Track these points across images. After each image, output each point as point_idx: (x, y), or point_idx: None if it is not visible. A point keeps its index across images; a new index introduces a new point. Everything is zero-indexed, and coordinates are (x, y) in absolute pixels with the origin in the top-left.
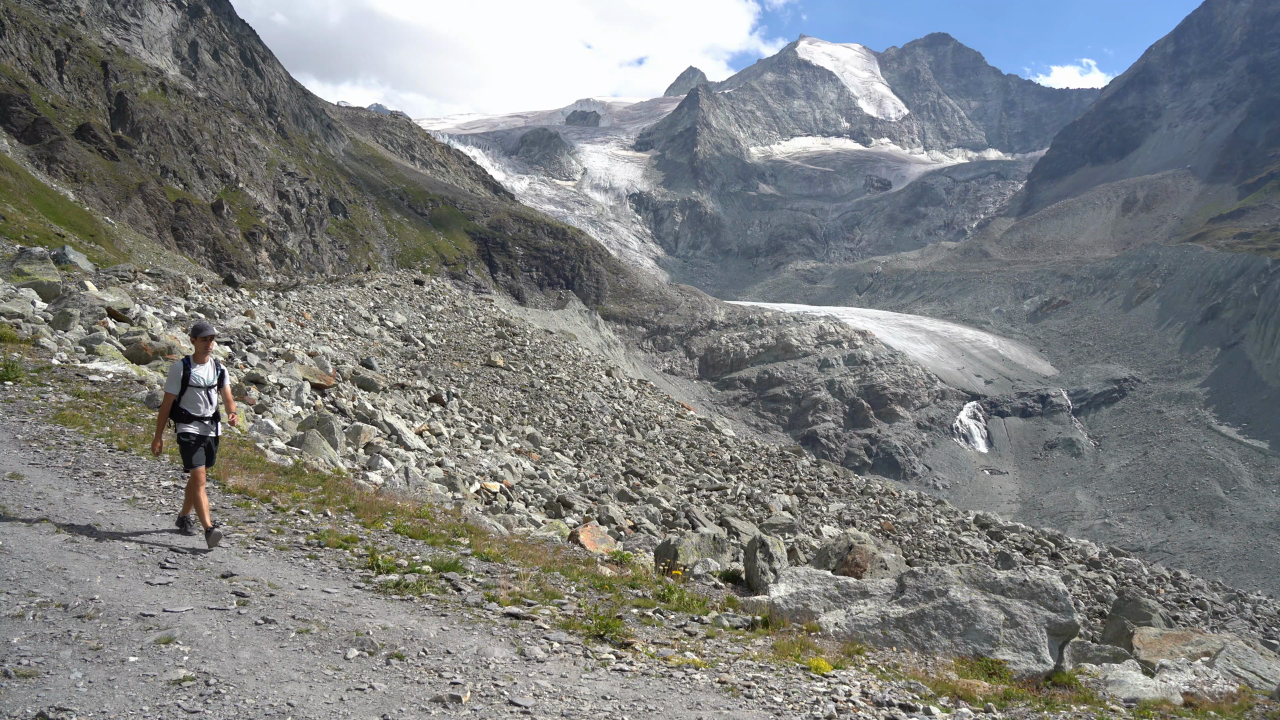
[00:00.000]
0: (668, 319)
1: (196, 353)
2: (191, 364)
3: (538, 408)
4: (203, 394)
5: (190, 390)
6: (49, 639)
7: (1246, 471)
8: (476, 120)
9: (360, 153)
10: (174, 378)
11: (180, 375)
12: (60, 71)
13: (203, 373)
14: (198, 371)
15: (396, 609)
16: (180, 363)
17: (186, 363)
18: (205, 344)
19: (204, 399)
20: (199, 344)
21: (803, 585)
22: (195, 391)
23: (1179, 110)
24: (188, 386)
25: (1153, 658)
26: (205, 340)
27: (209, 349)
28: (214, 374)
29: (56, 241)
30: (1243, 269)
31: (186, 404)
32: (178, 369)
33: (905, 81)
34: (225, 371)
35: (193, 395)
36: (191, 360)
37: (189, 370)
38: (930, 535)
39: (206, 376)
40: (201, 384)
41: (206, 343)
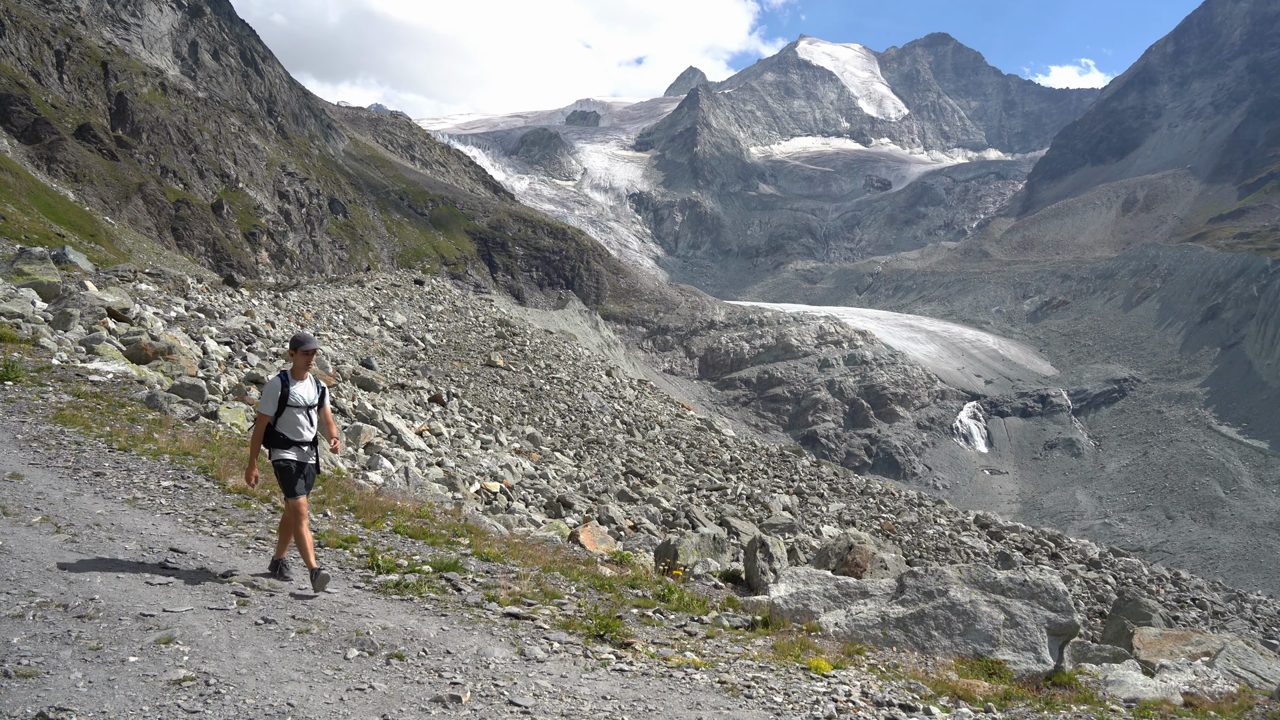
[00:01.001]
0: (668, 319)
1: (295, 367)
2: (290, 380)
3: (538, 408)
4: (303, 415)
5: (288, 411)
6: (49, 639)
7: (1246, 471)
8: (476, 120)
9: (360, 153)
10: (270, 396)
11: (278, 393)
12: (60, 71)
13: (303, 391)
14: (297, 389)
15: (396, 609)
16: (277, 379)
17: (284, 379)
18: (306, 358)
19: (304, 421)
20: (299, 358)
21: (803, 585)
22: (294, 412)
23: (1179, 110)
24: (286, 406)
25: (1153, 658)
26: (307, 354)
27: (310, 364)
28: (315, 392)
29: (56, 241)
30: (1243, 269)
31: (284, 427)
32: (275, 386)
33: (905, 81)
34: (326, 389)
35: (291, 416)
36: (290, 376)
37: (288, 387)
38: (930, 535)
39: (307, 395)
40: (302, 403)
41: (308, 357)
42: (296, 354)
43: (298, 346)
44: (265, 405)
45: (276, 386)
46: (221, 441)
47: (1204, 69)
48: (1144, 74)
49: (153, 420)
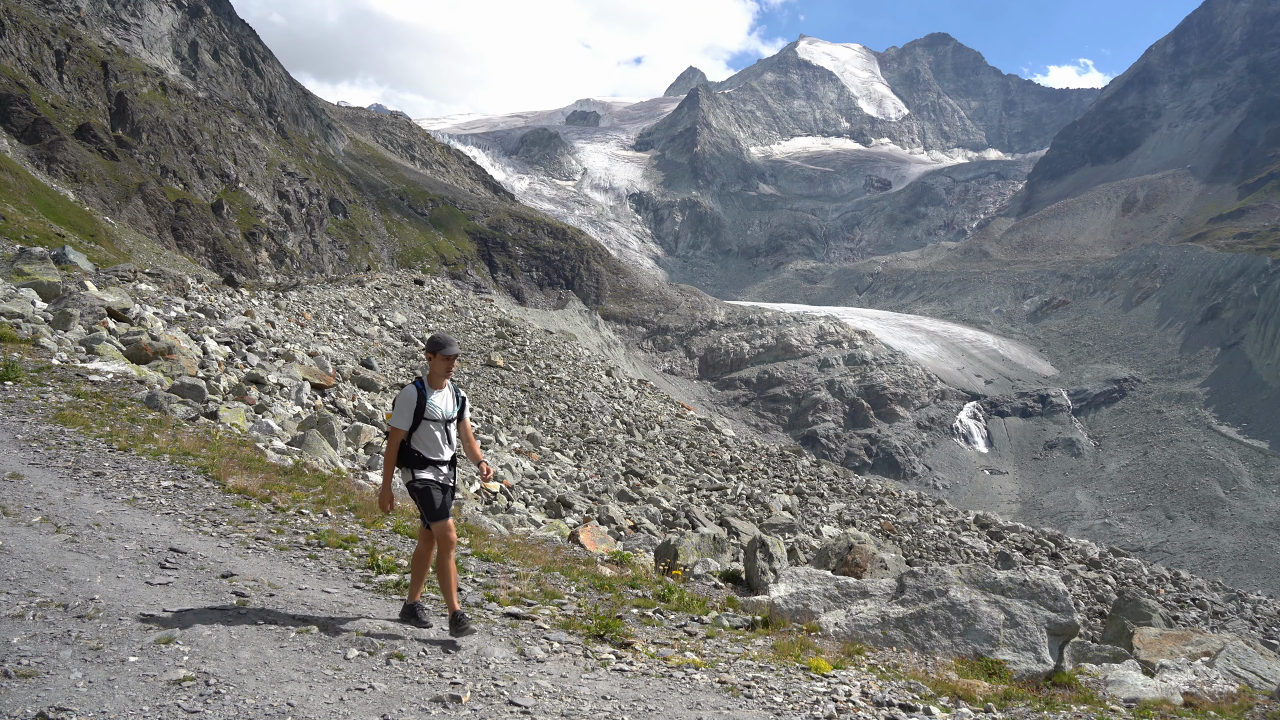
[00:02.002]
0: (668, 319)
1: (433, 374)
2: (427, 389)
3: (538, 408)
4: (441, 430)
5: (425, 425)
6: (49, 639)
7: (1246, 471)
8: (476, 120)
9: (360, 153)
10: (404, 407)
11: (413, 404)
12: (60, 71)
13: (441, 401)
14: (435, 400)
15: (397, 609)
16: (413, 387)
17: (421, 388)
18: (448, 364)
19: (443, 437)
20: (439, 363)
21: (803, 585)
22: (432, 427)
23: (1179, 110)
24: (422, 419)
25: (1153, 658)
26: (448, 359)
27: (451, 370)
28: (455, 403)
29: (56, 241)
30: (1243, 269)
31: (420, 443)
32: (410, 396)
33: (905, 81)
34: (466, 399)
35: (428, 431)
36: (426, 384)
37: (424, 398)
38: (930, 535)
39: (446, 407)
40: (440, 416)
41: (449, 362)
42: (435, 358)
43: (438, 349)
44: (399, 418)
45: (412, 396)
46: (221, 441)
47: (1204, 69)
48: (1144, 74)
49: (153, 420)
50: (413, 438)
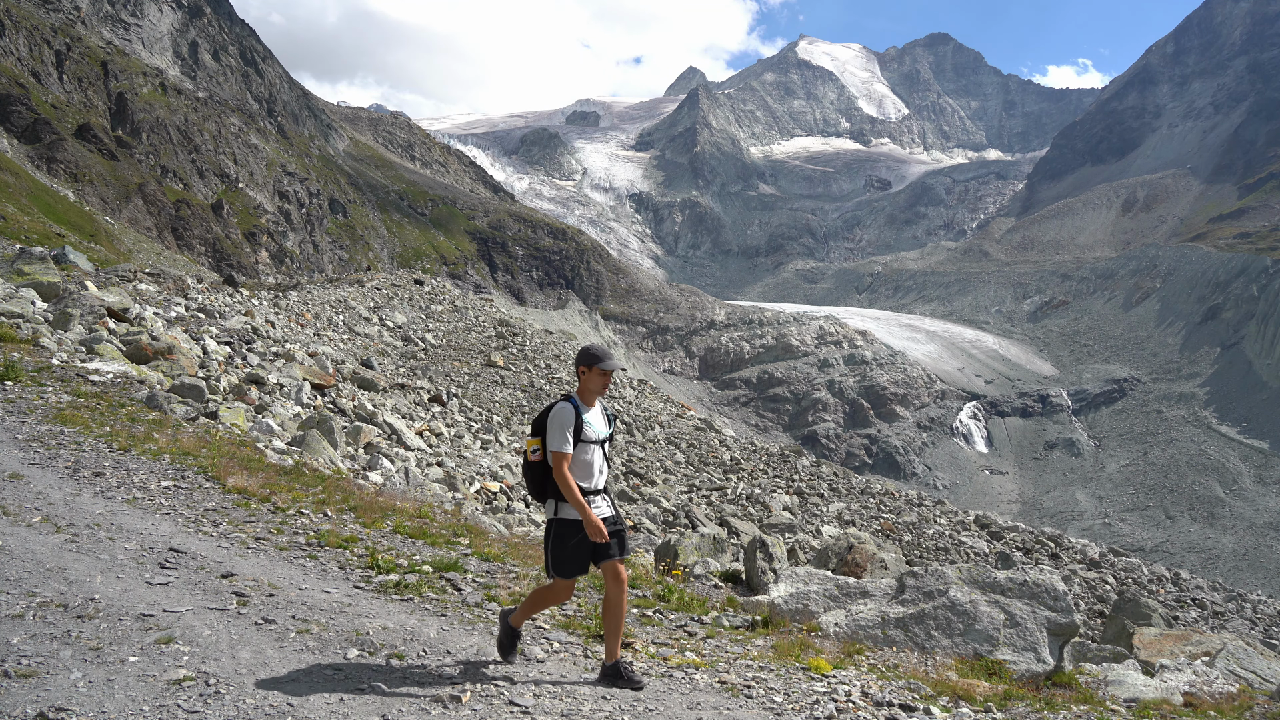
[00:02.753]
0: (668, 319)
1: (585, 389)
2: (580, 407)
3: (538, 408)
4: (596, 452)
5: (580, 448)
6: (49, 639)
7: (1246, 471)
8: (476, 120)
9: (360, 153)
10: (562, 427)
11: (571, 423)
12: (60, 71)
13: (595, 420)
14: (590, 419)
15: (396, 609)
16: (568, 405)
17: (575, 405)
18: (604, 379)
19: (597, 461)
20: (595, 378)
21: (803, 585)
22: (589, 450)
23: (1179, 110)
24: (578, 441)
25: (1153, 658)
26: (605, 375)
27: (608, 386)
28: (606, 423)
29: (56, 241)
30: (1243, 269)
31: (573, 469)
32: (566, 415)
33: (905, 81)
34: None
35: (583, 454)
36: (579, 401)
37: (581, 416)
38: (930, 535)
39: (600, 427)
40: (594, 438)
41: (607, 378)
42: (591, 373)
43: (594, 363)
44: (558, 439)
45: (569, 415)
46: (221, 441)
47: (1204, 69)
48: (1144, 74)
49: (153, 420)
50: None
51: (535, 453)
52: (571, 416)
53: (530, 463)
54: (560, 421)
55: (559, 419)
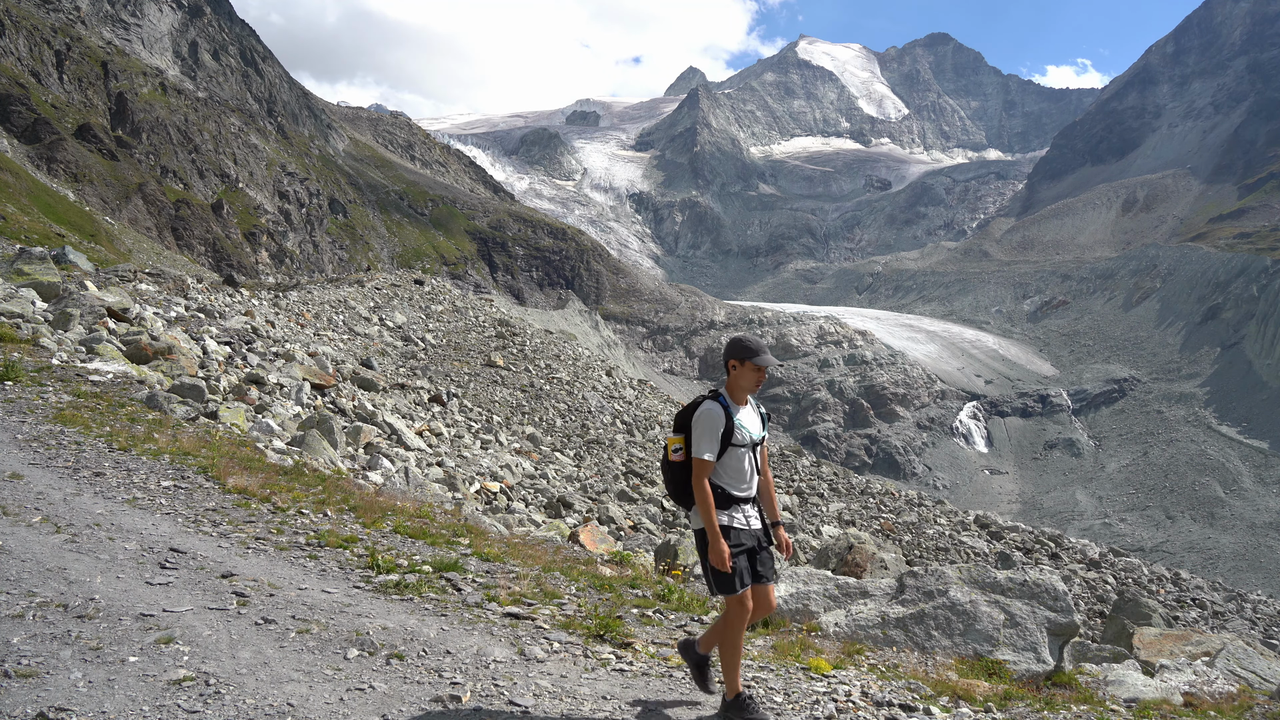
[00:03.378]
0: (668, 319)
1: (736, 387)
2: (731, 406)
3: (538, 408)
4: (747, 456)
5: (730, 452)
6: (49, 639)
7: (1246, 471)
8: (476, 120)
9: (360, 153)
10: (711, 429)
11: (721, 425)
12: (60, 71)
13: (748, 421)
14: (742, 419)
15: (396, 609)
16: (716, 404)
17: (725, 404)
18: (758, 375)
19: (749, 465)
20: (749, 374)
21: (803, 585)
22: (740, 454)
23: (1179, 110)
24: (728, 445)
25: (1153, 658)
26: (759, 370)
27: (761, 383)
28: (760, 423)
29: (56, 241)
30: (1243, 269)
31: (721, 475)
32: (715, 415)
33: (905, 81)
34: (768, 417)
35: (733, 459)
36: (729, 399)
37: (732, 417)
38: (930, 535)
39: (752, 428)
40: (746, 441)
41: (761, 374)
42: (744, 368)
43: (748, 357)
44: (704, 444)
45: (719, 416)
46: (221, 441)
47: (1204, 69)
48: (1144, 74)
49: (153, 420)
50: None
51: (677, 452)
52: (721, 419)
53: (670, 462)
54: (708, 424)
55: (706, 421)
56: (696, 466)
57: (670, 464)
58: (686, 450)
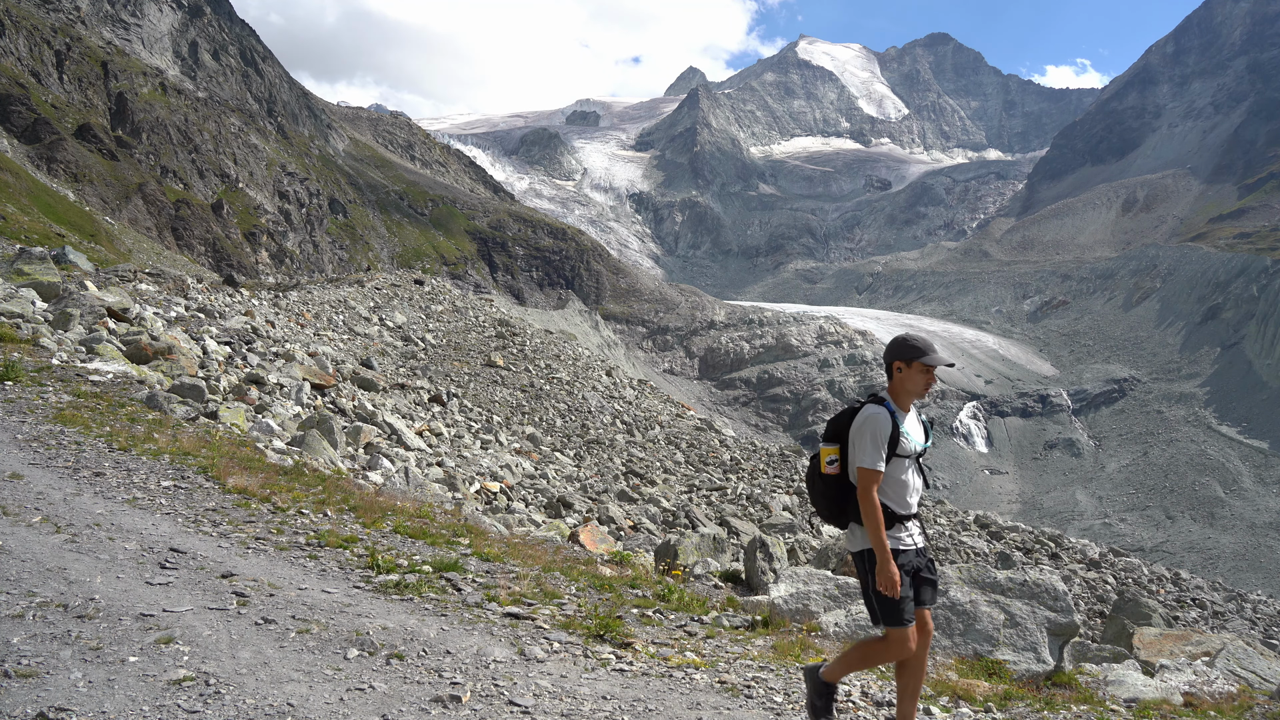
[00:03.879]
0: (668, 319)
1: (901, 391)
2: (896, 412)
3: (538, 408)
4: (912, 469)
5: (894, 463)
6: (49, 639)
7: (1246, 471)
8: (476, 120)
9: (360, 153)
10: (876, 437)
11: (887, 432)
12: (60, 71)
13: (913, 429)
14: (908, 427)
15: (396, 609)
16: (881, 410)
17: (890, 410)
18: (928, 377)
19: (914, 479)
20: (917, 376)
21: (803, 585)
22: (905, 466)
23: (1179, 110)
24: (892, 455)
25: (1153, 658)
26: (928, 372)
27: (930, 386)
28: (924, 432)
29: (56, 241)
30: (1243, 269)
31: (885, 488)
32: (882, 421)
33: (905, 81)
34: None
35: (897, 471)
36: (893, 404)
37: (897, 425)
38: (930, 535)
39: (917, 437)
40: (911, 451)
41: (929, 376)
42: (911, 369)
43: (914, 356)
44: (869, 453)
45: (884, 424)
46: (221, 441)
47: (1204, 69)
48: (1144, 74)
49: (153, 420)
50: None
51: (832, 464)
52: (887, 425)
53: (822, 475)
54: (872, 431)
55: (871, 427)
56: (864, 477)
57: (822, 477)
58: (842, 461)
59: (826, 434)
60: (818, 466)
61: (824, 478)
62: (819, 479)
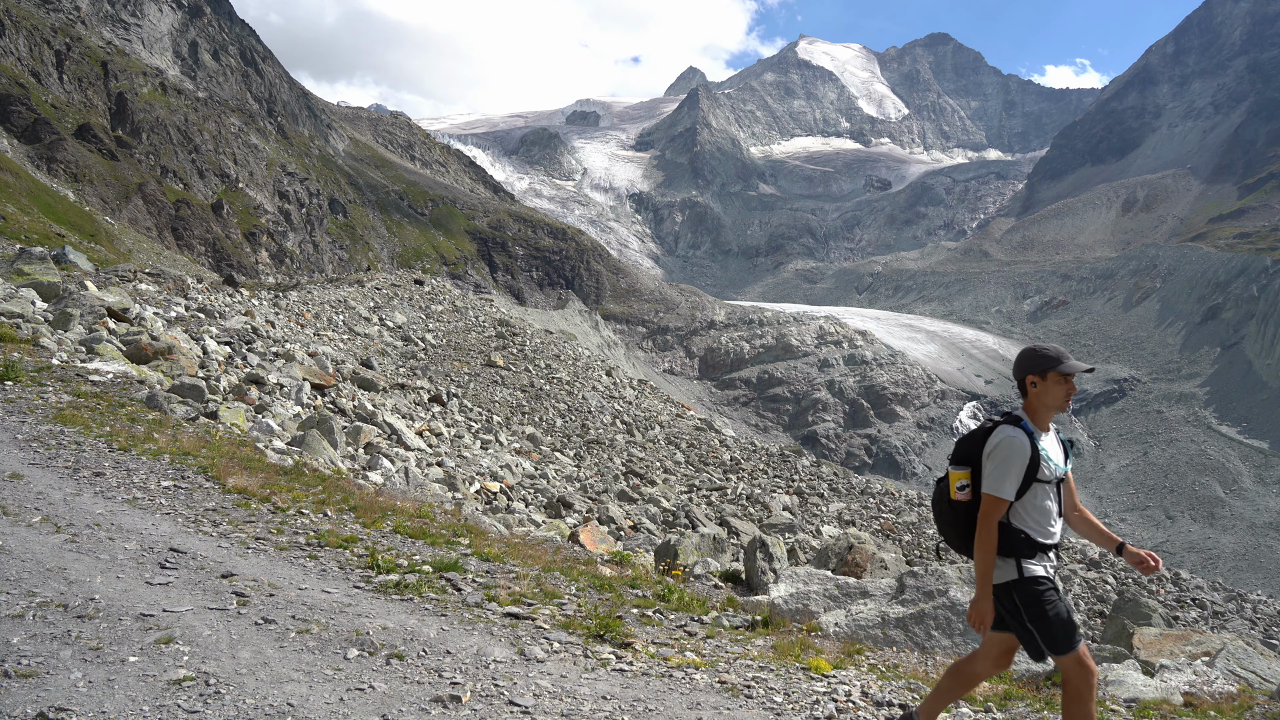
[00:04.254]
0: (668, 319)
1: (1039, 406)
2: (1035, 433)
3: (538, 408)
4: (1053, 496)
5: (1035, 490)
6: (49, 639)
7: (1246, 471)
8: (476, 120)
9: (360, 153)
10: (1013, 462)
11: (1026, 458)
12: (60, 71)
13: (1053, 451)
14: (1047, 447)
15: (396, 609)
16: (1018, 431)
17: (1030, 432)
18: (1067, 389)
19: (1055, 506)
20: (1055, 389)
21: (803, 585)
22: (1044, 492)
23: (1179, 110)
24: (1032, 480)
25: (1153, 658)
26: (1067, 381)
27: (1071, 397)
28: (1063, 454)
29: (56, 241)
30: (1243, 269)
31: (1023, 517)
32: (1019, 445)
33: (905, 81)
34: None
35: (1038, 498)
36: (1031, 424)
37: (1037, 446)
38: (930, 535)
39: (1058, 460)
40: (1052, 476)
41: (1069, 385)
42: (1046, 382)
43: (1049, 366)
44: (1004, 480)
45: (1023, 450)
46: (221, 441)
47: (1204, 69)
48: (1144, 74)
49: (153, 420)
50: (1012, 509)
51: (963, 489)
52: (1026, 449)
53: (952, 502)
54: (1008, 455)
55: (1007, 451)
56: (987, 504)
57: (951, 504)
58: (974, 486)
59: (956, 456)
60: (946, 492)
61: (953, 505)
62: (948, 506)
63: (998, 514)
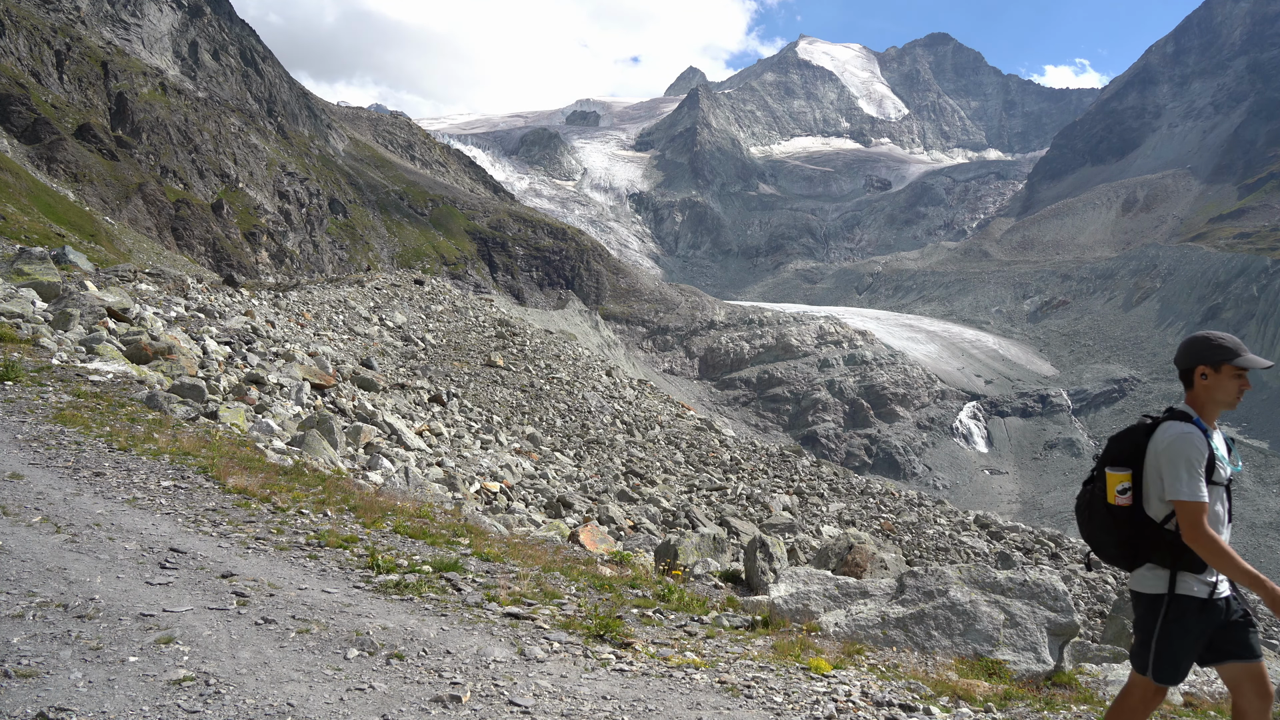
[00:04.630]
0: (668, 319)
1: (1206, 402)
2: (1208, 431)
3: (538, 408)
4: (1223, 499)
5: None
6: (49, 639)
7: (1246, 471)
8: (476, 120)
9: (360, 153)
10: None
11: (1204, 457)
12: (60, 71)
13: (1223, 450)
14: (1219, 446)
15: (396, 609)
16: (1193, 428)
17: (1203, 429)
18: (1240, 383)
19: (1225, 510)
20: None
21: (803, 585)
22: (1216, 495)
23: (1179, 110)
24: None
25: None
26: (1241, 375)
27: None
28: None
29: (56, 241)
30: (1243, 269)
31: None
32: (1196, 444)
33: (905, 81)
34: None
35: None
36: (1202, 421)
37: (1211, 444)
38: (930, 535)
39: (1229, 459)
40: (1225, 478)
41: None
42: (1219, 375)
43: (1223, 358)
44: (1187, 484)
45: (1199, 447)
46: (221, 441)
47: (1204, 69)
48: (1144, 74)
49: (153, 420)
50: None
51: (1124, 493)
52: (1203, 447)
53: (1111, 506)
54: (1187, 455)
55: (1182, 448)
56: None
57: (1109, 509)
58: (1136, 489)
59: (1112, 455)
60: (1100, 495)
61: (1112, 509)
62: (1104, 511)
63: (1204, 518)
